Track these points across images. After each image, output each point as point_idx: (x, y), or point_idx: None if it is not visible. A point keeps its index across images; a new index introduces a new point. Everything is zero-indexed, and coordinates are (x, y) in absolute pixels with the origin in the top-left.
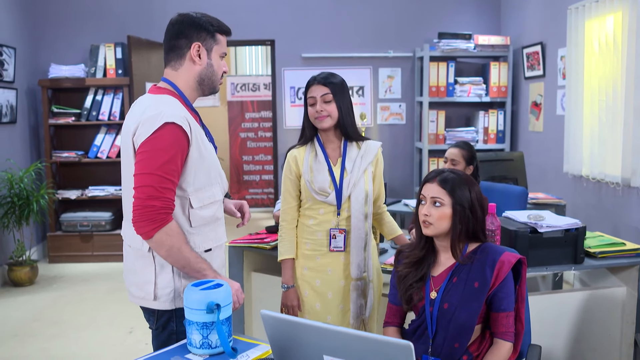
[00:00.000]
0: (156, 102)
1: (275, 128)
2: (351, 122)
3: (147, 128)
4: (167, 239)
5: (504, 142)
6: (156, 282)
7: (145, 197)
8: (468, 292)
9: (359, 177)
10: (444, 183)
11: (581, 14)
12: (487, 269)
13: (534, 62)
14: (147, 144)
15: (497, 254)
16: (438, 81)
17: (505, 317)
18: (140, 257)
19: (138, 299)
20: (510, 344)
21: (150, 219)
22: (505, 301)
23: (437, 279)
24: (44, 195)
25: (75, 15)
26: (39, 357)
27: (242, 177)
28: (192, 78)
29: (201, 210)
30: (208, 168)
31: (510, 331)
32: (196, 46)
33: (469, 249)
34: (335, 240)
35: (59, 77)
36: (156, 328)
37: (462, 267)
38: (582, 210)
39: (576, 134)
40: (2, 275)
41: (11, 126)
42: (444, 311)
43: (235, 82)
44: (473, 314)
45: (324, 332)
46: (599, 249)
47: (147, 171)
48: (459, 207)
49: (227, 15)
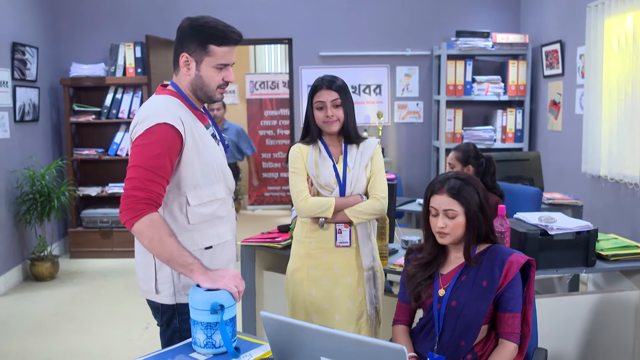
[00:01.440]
0: (155, 102)
1: (292, 126)
2: (354, 125)
3: (141, 126)
4: (147, 229)
5: (522, 141)
6: (157, 277)
7: (130, 187)
8: (476, 291)
9: (361, 173)
10: (453, 193)
11: (601, 11)
12: (496, 269)
13: (553, 60)
14: (138, 139)
15: (506, 254)
16: (455, 80)
17: (511, 317)
18: (144, 253)
19: (145, 292)
20: (515, 345)
21: (131, 207)
22: (512, 302)
23: (446, 277)
24: (65, 192)
25: (95, 16)
26: (56, 351)
27: (260, 174)
28: (186, 85)
29: (199, 208)
30: (208, 166)
31: (516, 332)
32: (184, 57)
33: (478, 249)
34: (341, 235)
35: (80, 76)
36: (161, 325)
37: (471, 267)
38: (600, 211)
39: (595, 134)
40: (24, 270)
41: (34, 124)
42: (451, 309)
43: (254, 80)
44: (480, 312)
45: (321, 335)
46: (612, 251)
47: (135, 164)
48: (472, 214)
49: (245, 14)
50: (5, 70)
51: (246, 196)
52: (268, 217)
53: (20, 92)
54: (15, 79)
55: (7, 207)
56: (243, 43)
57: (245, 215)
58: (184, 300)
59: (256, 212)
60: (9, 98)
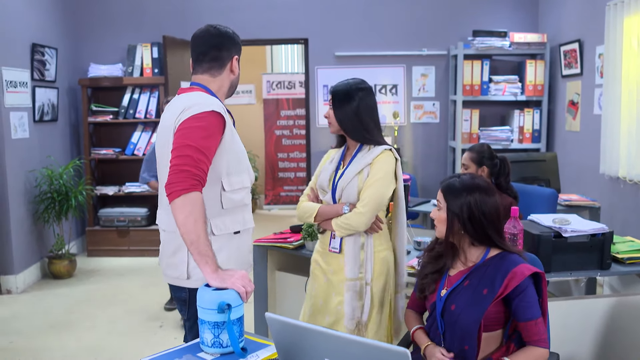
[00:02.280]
0: (196, 95)
1: (308, 126)
2: (353, 125)
3: (189, 112)
4: (189, 204)
5: (539, 142)
6: (189, 261)
7: (182, 163)
8: (475, 298)
9: (351, 179)
10: (443, 189)
11: (620, 10)
12: (498, 278)
13: (572, 60)
14: (189, 122)
15: (513, 264)
16: (472, 79)
17: (534, 325)
18: (174, 239)
19: (173, 279)
20: (545, 350)
21: (182, 180)
22: (530, 310)
23: (452, 279)
24: (83, 191)
25: (113, 17)
26: (72, 348)
27: (277, 174)
28: (226, 85)
29: (232, 194)
30: (239, 157)
31: (543, 338)
32: (235, 59)
33: (490, 254)
34: (334, 240)
35: (98, 77)
36: (188, 318)
37: (477, 272)
38: (618, 213)
39: (613, 134)
40: (42, 267)
41: (52, 124)
42: (450, 312)
43: (270, 80)
44: (475, 319)
45: (325, 337)
46: (628, 254)
47: (187, 143)
48: (450, 213)
49: (261, 14)
50: (24, 71)
51: (262, 196)
52: (284, 217)
53: (40, 93)
54: (34, 79)
55: (26, 205)
56: (259, 43)
57: (262, 214)
58: None
59: (272, 211)
60: (28, 98)
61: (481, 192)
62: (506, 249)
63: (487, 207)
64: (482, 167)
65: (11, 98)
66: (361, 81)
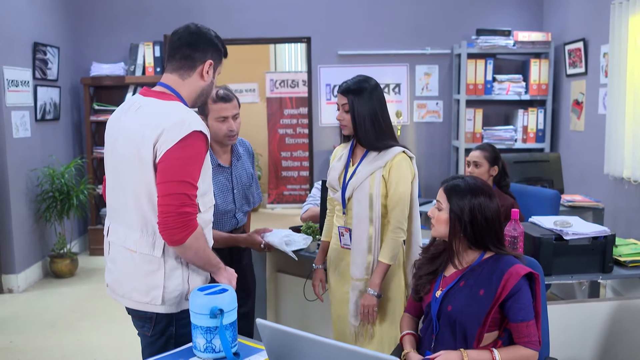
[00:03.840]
0: (174, 108)
1: (310, 125)
2: (366, 131)
3: (173, 135)
4: (195, 242)
5: (543, 142)
6: (165, 285)
7: (179, 204)
8: (472, 299)
9: (363, 180)
10: (446, 188)
11: (625, 9)
12: (494, 279)
13: (576, 59)
14: (176, 152)
15: (507, 265)
16: (476, 79)
17: (525, 326)
18: (148, 262)
19: (140, 304)
20: (533, 352)
21: (183, 225)
22: (523, 312)
23: (447, 280)
24: (84, 190)
25: (115, 16)
26: (73, 348)
27: (280, 173)
28: (194, 91)
29: (204, 215)
30: (209, 173)
31: (533, 340)
32: (209, 63)
33: (486, 255)
34: (343, 237)
35: (100, 75)
36: (152, 334)
37: (472, 273)
38: (622, 214)
39: (618, 134)
40: (44, 266)
41: (55, 123)
42: (447, 313)
43: (274, 78)
44: (475, 320)
45: (316, 344)
46: (630, 257)
47: (178, 179)
48: (453, 215)
49: (264, 13)
50: (26, 70)
51: (265, 194)
52: (287, 215)
53: (42, 92)
54: (36, 78)
55: (27, 204)
56: (262, 42)
57: (265, 213)
58: (186, 307)
59: (275, 210)
60: (30, 97)
61: (485, 196)
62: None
63: (489, 212)
64: (494, 166)
65: (13, 97)
66: (369, 77)
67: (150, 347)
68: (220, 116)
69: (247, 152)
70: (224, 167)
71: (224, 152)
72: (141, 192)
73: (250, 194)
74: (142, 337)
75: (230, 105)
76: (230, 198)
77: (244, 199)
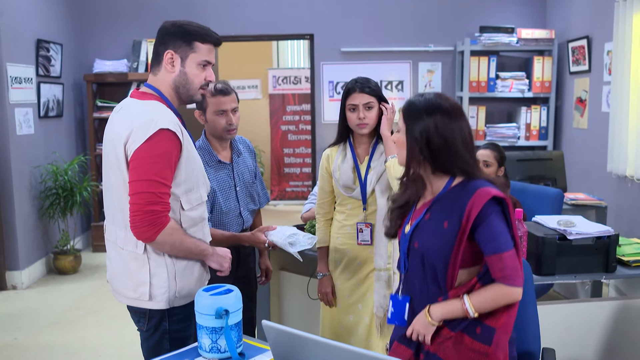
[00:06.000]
0: (146, 108)
1: (313, 122)
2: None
3: (140, 135)
4: (168, 237)
5: (546, 139)
6: (151, 282)
7: (145, 202)
8: (436, 233)
9: (383, 171)
10: (404, 108)
11: (629, 6)
12: (458, 208)
13: (580, 56)
14: (142, 151)
15: (473, 190)
16: (479, 76)
17: (498, 259)
18: (134, 259)
19: (131, 300)
20: (511, 289)
21: (151, 223)
22: (494, 242)
23: (416, 213)
24: (87, 187)
25: (118, 12)
26: (76, 345)
27: (282, 169)
28: (168, 84)
29: (191, 212)
30: (195, 170)
31: (508, 274)
32: (169, 54)
33: (454, 182)
34: (362, 234)
35: (103, 72)
36: (147, 329)
37: (438, 203)
38: (626, 212)
39: (621, 132)
40: (47, 263)
41: (58, 120)
42: (415, 251)
43: (276, 75)
44: (443, 256)
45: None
46: (634, 257)
47: (145, 177)
48: (409, 137)
49: (266, 9)
50: (29, 66)
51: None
52: (290, 212)
53: (45, 88)
54: (39, 75)
55: (31, 201)
56: (265, 38)
57: (267, 210)
58: (178, 304)
59: (278, 207)
60: (33, 94)
61: (443, 115)
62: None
63: (448, 132)
64: (501, 167)
65: (16, 94)
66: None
67: (147, 342)
68: (219, 109)
69: (248, 149)
70: (225, 164)
71: (223, 148)
72: (122, 191)
73: (255, 192)
74: (140, 333)
75: (229, 98)
76: (233, 195)
77: (248, 196)
